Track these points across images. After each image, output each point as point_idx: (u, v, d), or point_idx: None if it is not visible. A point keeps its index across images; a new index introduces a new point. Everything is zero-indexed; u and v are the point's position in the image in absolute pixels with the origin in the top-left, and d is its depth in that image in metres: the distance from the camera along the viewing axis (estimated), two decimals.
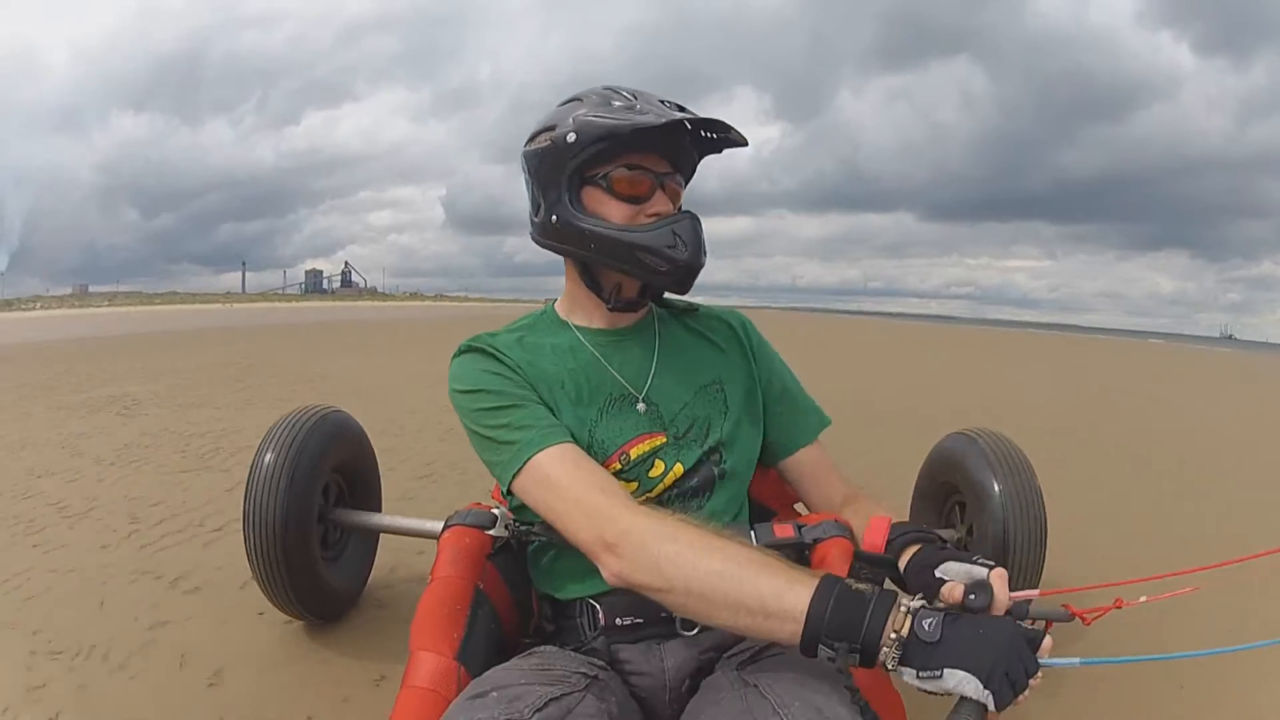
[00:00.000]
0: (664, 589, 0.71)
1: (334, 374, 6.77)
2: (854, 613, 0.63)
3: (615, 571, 0.74)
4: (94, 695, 1.48)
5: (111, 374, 6.53)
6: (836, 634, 0.62)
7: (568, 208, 0.89)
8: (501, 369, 0.89)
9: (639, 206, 0.88)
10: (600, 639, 0.87)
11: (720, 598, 0.67)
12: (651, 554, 0.71)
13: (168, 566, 2.13)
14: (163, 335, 12.47)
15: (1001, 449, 1.59)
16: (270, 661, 1.63)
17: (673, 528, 0.73)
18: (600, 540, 0.75)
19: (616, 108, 0.87)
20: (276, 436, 1.58)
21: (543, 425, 0.85)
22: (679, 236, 0.87)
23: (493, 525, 0.97)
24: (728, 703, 0.73)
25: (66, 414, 4.48)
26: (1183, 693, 1.60)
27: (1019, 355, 12.54)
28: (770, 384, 1.03)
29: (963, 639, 0.60)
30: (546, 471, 0.82)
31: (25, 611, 1.84)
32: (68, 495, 2.82)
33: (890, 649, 0.61)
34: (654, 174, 0.89)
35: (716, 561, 0.68)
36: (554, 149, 0.88)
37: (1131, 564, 2.38)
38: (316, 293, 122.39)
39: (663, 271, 0.87)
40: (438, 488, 3.05)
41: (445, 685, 0.78)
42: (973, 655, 0.59)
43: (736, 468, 0.96)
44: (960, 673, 0.59)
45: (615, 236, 0.87)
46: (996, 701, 0.58)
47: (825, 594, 0.64)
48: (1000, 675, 0.58)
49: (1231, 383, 9.98)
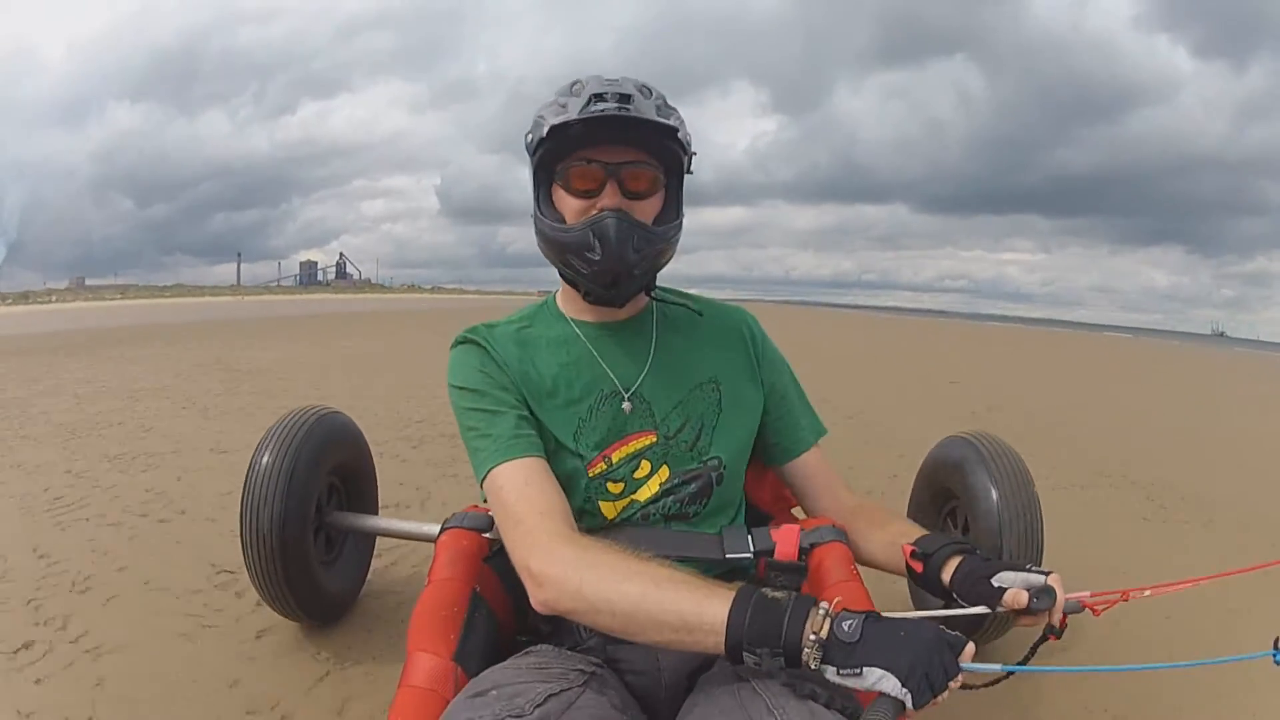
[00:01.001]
0: (588, 613, 0.74)
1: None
2: (771, 619, 0.65)
3: (540, 599, 0.76)
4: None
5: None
6: (757, 640, 0.65)
7: (536, 205, 0.91)
8: (489, 367, 0.91)
9: (590, 201, 0.86)
10: (596, 638, 0.87)
11: (644, 618, 0.71)
12: (573, 583, 0.74)
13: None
14: (279, 319, 14.42)
15: (999, 454, 1.59)
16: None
17: (593, 555, 0.76)
18: (526, 568, 0.78)
19: (556, 105, 0.87)
20: (274, 438, 1.58)
21: (508, 436, 0.87)
22: (597, 236, 0.84)
23: (489, 528, 0.97)
24: (722, 700, 0.73)
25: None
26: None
27: (989, 356, 12.53)
28: (773, 386, 1.02)
29: (882, 639, 0.62)
30: (500, 485, 0.85)
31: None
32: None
33: (812, 650, 0.63)
34: (606, 165, 0.85)
35: (635, 585, 0.71)
36: (528, 147, 0.90)
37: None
38: (312, 285, 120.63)
39: (585, 274, 0.87)
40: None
41: (443, 685, 0.78)
42: (891, 654, 0.61)
43: (730, 469, 0.95)
44: (878, 670, 0.61)
45: (551, 236, 0.89)
46: (914, 699, 0.60)
47: (743, 604, 0.67)
48: (919, 674, 0.60)
49: (1205, 388, 10.00)
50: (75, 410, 4.44)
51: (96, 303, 32.08)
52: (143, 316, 17.24)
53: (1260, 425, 6.36)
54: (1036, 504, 1.52)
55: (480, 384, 0.90)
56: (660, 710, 0.85)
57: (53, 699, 1.47)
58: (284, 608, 1.64)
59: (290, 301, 33.48)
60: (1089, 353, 16.09)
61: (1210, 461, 4.52)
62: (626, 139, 0.86)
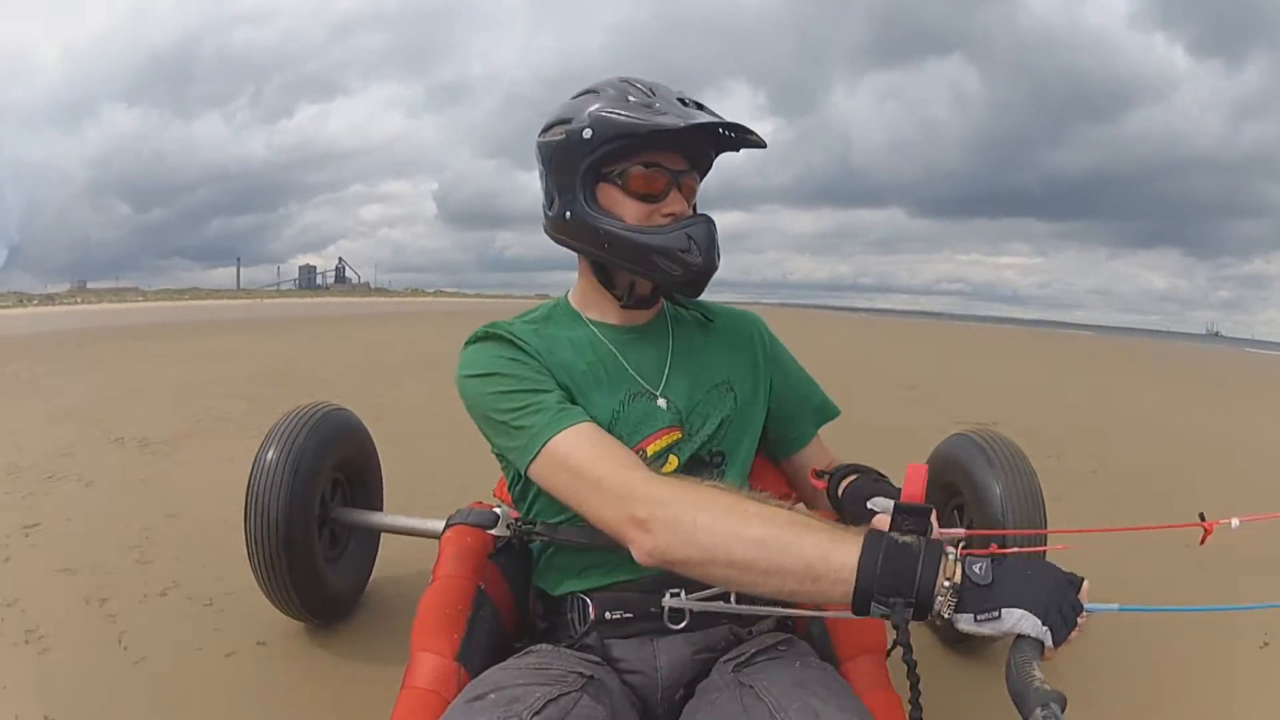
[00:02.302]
0: (704, 561, 0.67)
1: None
2: (905, 566, 0.61)
3: (649, 549, 0.69)
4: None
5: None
6: (889, 590, 0.61)
7: (583, 205, 0.87)
8: (518, 354, 0.87)
9: (654, 205, 0.87)
10: (592, 634, 0.87)
11: (765, 565, 0.64)
12: (686, 527, 0.67)
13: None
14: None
15: (1003, 450, 1.59)
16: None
17: (705, 496, 0.70)
18: (630, 518, 0.71)
19: (634, 104, 0.85)
20: (278, 434, 1.58)
21: (559, 408, 0.83)
22: (694, 240, 0.85)
23: (494, 524, 0.97)
24: (724, 705, 0.73)
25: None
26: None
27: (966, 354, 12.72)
28: (781, 386, 1.03)
29: (1014, 579, 0.60)
30: (566, 452, 0.79)
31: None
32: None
33: (945, 597, 0.60)
34: (670, 172, 0.87)
35: (756, 527, 0.65)
36: (568, 143, 0.86)
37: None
38: (311, 289, 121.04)
39: (676, 275, 0.86)
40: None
41: (445, 686, 0.78)
42: (1027, 594, 0.59)
43: (736, 467, 0.96)
44: (1018, 611, 0.59)
45: (630, 237, 0.86)
46: (1054, 637, 0.59)
47: (873, 550, 0.62)
48: (1055, 612, 0.59)
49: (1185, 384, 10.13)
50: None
51: (128, 304, 32.44)
52: (216, 314, 19.51)
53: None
54: (1041, 500, 1.52)
55: (512, 369, 0.86)
56: (658, 713, 0.85)
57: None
58: (288, 606, 1.64)
59: (308, 304, 33.99)
60: (1058, 351, 16.33)
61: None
62: (680, 147, 0.88)
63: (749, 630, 0.90)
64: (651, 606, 0.86)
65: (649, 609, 0.86)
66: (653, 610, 0.86)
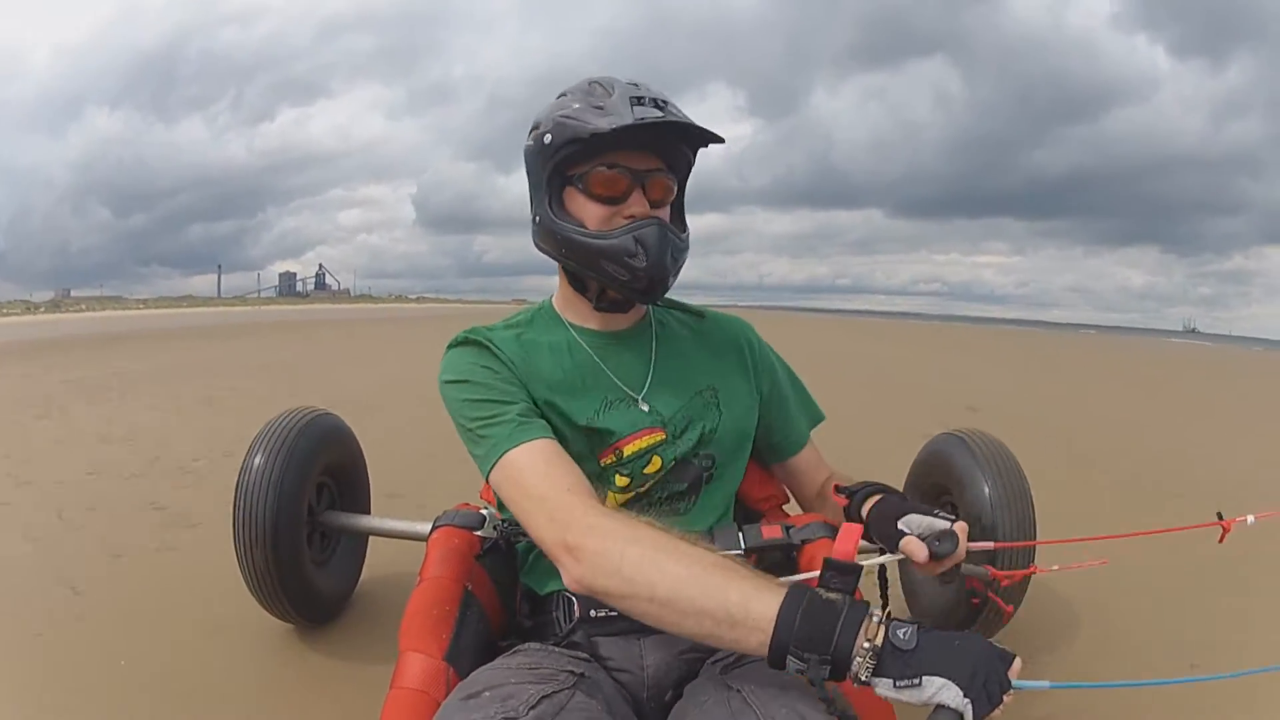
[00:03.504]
0: (626, 595, 0.68)
1: None
2: (825, 622, 0.60)
3: (575, 576, 0.71)
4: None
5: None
6: (806, 645, 0.60)
7: (547, 209, 0.87)
8: (493, 363, 0.88)
9: (616, 208, 0.86)
10: (578, 632, 0.87)
11: (685, 604, 0.65)
12: (613, 558, 0.68)
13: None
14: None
15: (991, 450, 1.60)
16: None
17: (637, 532, 0.70)
18: (562, 543, 0.72)
19: (588, 106, 0.84)
20: (266, 439, 1.57)
21: (519, 420, 0.83)
22: (640, 243, 0.84)
23: (481, 526, 0.97)
24: (712, 708, 0.72)
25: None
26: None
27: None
28: (770, 392, 1.03)
29: (940, 647, 0.59)
30: (520, 468, 0.80)
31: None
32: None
33: (864, 659, 0.58)
34: (632, 172, 0.86)
35: (682, 566, 0.66)
36: (535, 149, 0.87)
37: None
38: (291, 296, 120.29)
39: (623, 280, 0.86)
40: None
41: (434, 686, 0.78)
42: (952, 663, 0.58)
43: (724, 471, 0.96)
44: (939, 679, 0.57)
45: (582, 241, 0.86)
46: (975, 710, 0.56)
47: (794, 603, 0.61)
48: (979, 684, 0.57)
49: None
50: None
51: (147, 310, 32.32)
52: (256, 318, 21.25)
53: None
54: (1029, 496, 1.53)
55: (484, 378, 0.87)
56: (646, 712, 0.85)
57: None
58: (277, 609, 1.63)
59: (303, 310, 33.94)
60: (1015, 347, 16.63)
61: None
62: (650, 146, 0.87)
63: None
64: None
65: None
66: None
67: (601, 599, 0.70)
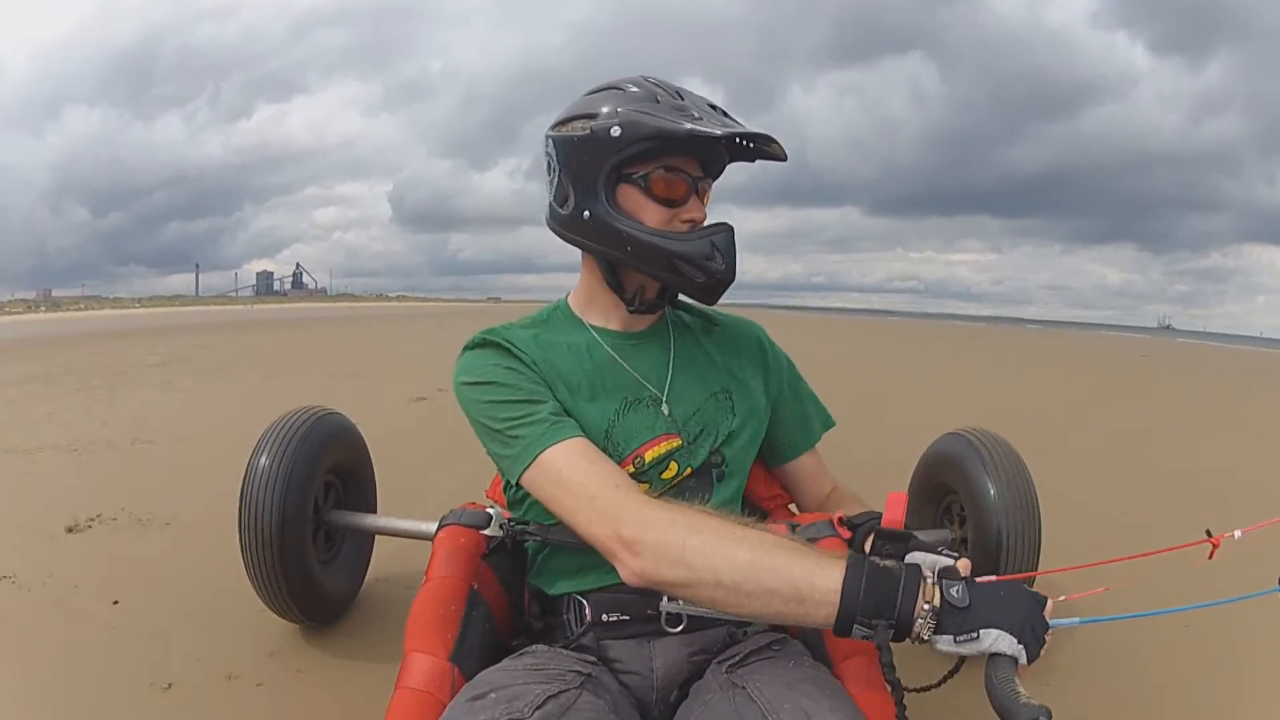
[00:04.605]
0: (691, 583, 0.69)
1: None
2: (886, 589, 0.63)
3: (636, 570, 0.71)
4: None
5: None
6: (871, 612, 0.63)
7: (604, 205, 0.86)
8: (515, 364, 0.87)
9: (674, 210, 0.87)
10: (589, 635, 0.87)
11: (752, 587, 0.67)
12: (675, 548, 0.69)
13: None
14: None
15: (997, 450, 1.59)
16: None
17: (695, 520, 0.71)
18: (617, 538, 0.72)
19: (664, 106, 0.84)
20: (271, 439, 1.57)
21: (554, 420, 0.83)
22: (717, 248, 0.85)
23: (487, 524, 0.96)
24: (717, 705, 0.73)
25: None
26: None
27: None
28: (780, 395, 1.04)
29: (991, 601, 0.63)
30: (559, 466, 0.79)
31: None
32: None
33: (925, 620, 0.63)
34: (690, 177, 0.87)
35: (745, 551, 0.67)
36: (592, 140, 0.84)
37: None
38: (268, 295, 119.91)
39: (699, 282, 0.86)
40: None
41: (439, 687, 0.78)
42: (1003, 615, 0.62)
43: (735, 471, 0.96)
44: (995, 631, 0.62)
45: (654, 243, 0.85)
46: (1028, 654, 0.62)
47: (856, 574, 0.64)
48: (1029, 630, 0.62)
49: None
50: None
51: (149, 309, 32.48)
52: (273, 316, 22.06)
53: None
54: (1034, 497, 1.53)
55: (509, 379, 0.86)
56: (653, 713, 0.85)
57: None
58: (282, 609, 1.63)
59: (298, 309, 34.09)
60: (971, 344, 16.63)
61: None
62: (701, 154, 0.88)
63: (744, 631, 0.90)
64: (648, 609, 0.86)
65: (645, 611, 0.87)
66: (649, 613, 0.87)
67: (664, 589, 0.72)
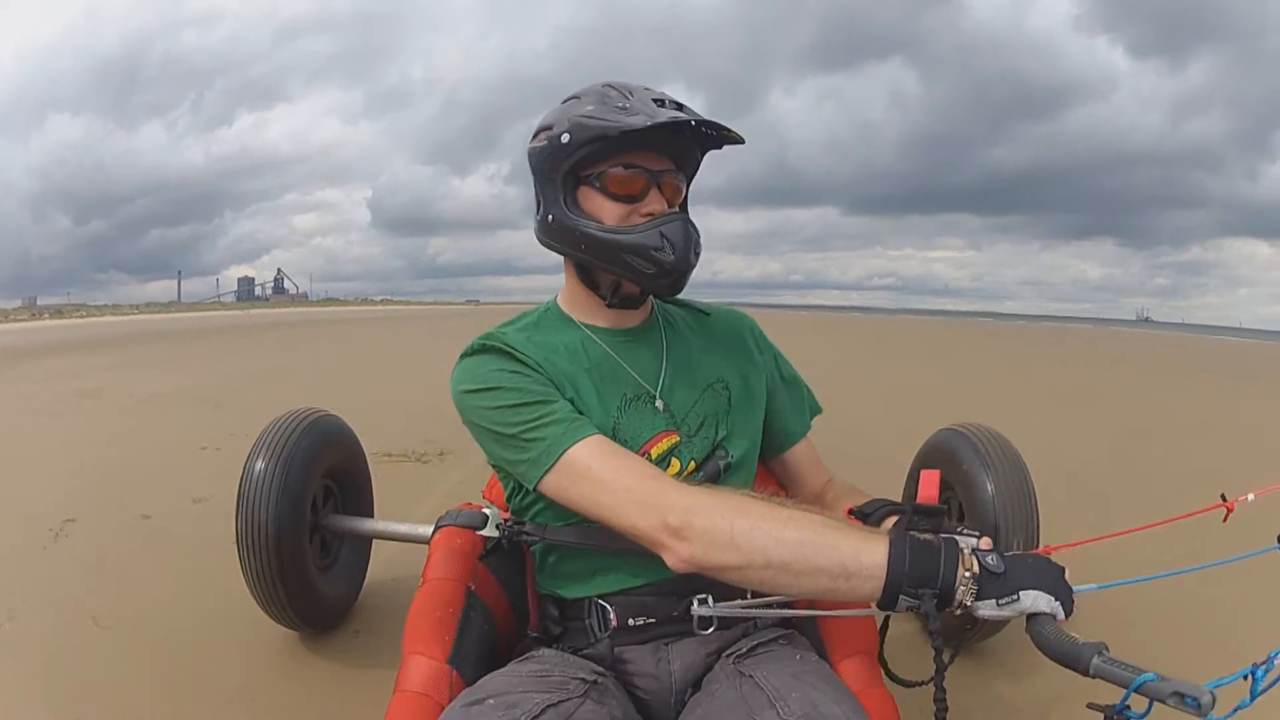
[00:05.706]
0: (741, 565, 0.70)
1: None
2: (929, 561, 0.67)
3: (685, 556, 0.72)
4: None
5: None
6: (917, 583, 0.66)
7: (562, 207, 0.88)
8: (520, 367, 0.87)
9: (633, 206, 0.87)
10: (605, 641, 0.87)
11: (801, 566, 0.69)
12: (724, 532, 0.70)
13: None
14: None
15: (994, 445, 1.59)
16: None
17: (738, 502, 0.73)
18: (663, 526, 0.72)
19: (610, 107, 0.86)
20: (266, 443, 1.56)
21: (572, 418, 0.82)
22: (666, 238, 0.85)
23: (484, 525, 0.96)
24: (724, 694, 0.74)
25: None
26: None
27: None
28: (773, 385, 1.04)
29: (1024, 566, 0.67)
30: (587, 464, 0.79)
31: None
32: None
33: (967, 587, 0.66)
34: (649, 172, 0.88)
35: (792, 530, 0.69)
36: (549, 149, 0.88)
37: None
38: (249, 301, 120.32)
39: (649, 274, 0.86)
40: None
41: (437, 689, 0.78)
42: (1037, 575, 0.66)
43: (740, 462, 0.96)
44: (1033, 592, 0.65)
45: (603, 237, 0.86)
46: (1065, 609, 0.65)
47: (900, 548, 0.67)
48: (1062, 589, 0.66)
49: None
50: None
51: (140, 316, 32.38)
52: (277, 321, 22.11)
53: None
54: (1032, 492, 1.52)
55: (517, 383, 0.85)
56: (667, 715, 0.85)
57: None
58: (280, 615, 1.62)
59: (298, 312, 34.13)
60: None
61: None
62: (663, 147, 0.88)
63: (753, 624, 0.90)
64: (673, 611, 0.86)
65: (671, 613, 0.87)
66: (675, 615, 0.87)
67: (715, 574, 0.73)
